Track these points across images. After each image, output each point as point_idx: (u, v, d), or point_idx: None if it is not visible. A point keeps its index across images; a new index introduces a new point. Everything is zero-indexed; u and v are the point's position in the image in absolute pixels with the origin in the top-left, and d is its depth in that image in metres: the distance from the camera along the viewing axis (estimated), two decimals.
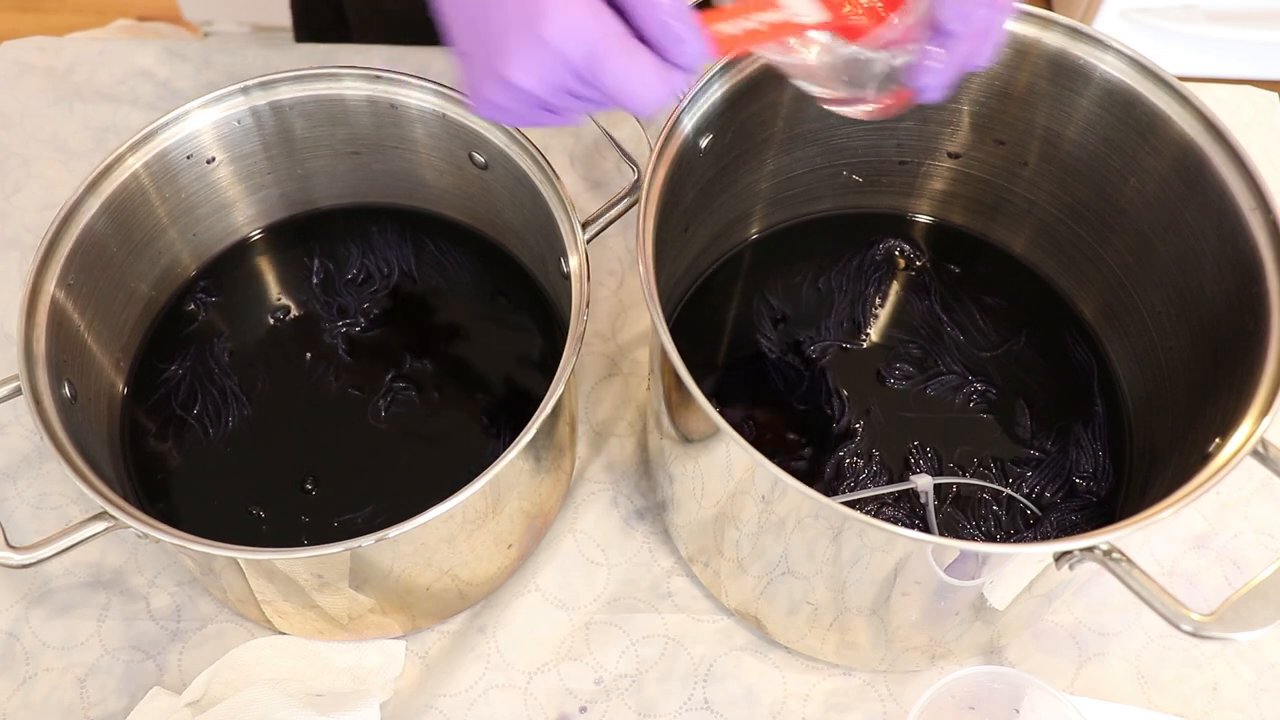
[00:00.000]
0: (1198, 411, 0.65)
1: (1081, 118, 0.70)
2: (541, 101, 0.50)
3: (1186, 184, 0.66)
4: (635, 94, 0.49)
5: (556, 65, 0.48)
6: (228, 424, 0.74)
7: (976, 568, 0.59)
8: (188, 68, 0.95)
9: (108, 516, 0.59)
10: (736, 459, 0.60)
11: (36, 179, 0.90)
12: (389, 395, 0.74)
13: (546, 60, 0.48)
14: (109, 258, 0.70)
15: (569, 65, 0.48)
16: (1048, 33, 0.68)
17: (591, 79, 0.48)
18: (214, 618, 0.72)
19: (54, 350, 0.64)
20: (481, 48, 0.50)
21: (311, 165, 0.78)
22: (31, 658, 0.71)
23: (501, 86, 0.50)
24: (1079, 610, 0.74)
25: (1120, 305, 0.75)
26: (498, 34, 0.49)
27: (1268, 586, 0.53)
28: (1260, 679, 0.72)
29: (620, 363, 0.83)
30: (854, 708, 0.70)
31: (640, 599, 0.74)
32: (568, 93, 0.50)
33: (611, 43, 0.48)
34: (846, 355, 0.77)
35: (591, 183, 0.90)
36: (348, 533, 0.57)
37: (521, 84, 0.49)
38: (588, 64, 0.48)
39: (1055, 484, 0.72)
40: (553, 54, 0.48)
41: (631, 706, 0.70)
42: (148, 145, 0.70)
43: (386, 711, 0.69)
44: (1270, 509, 0.77)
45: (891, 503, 0.71)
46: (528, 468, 0.66)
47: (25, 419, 0.77)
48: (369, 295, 0.79)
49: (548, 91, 0.49)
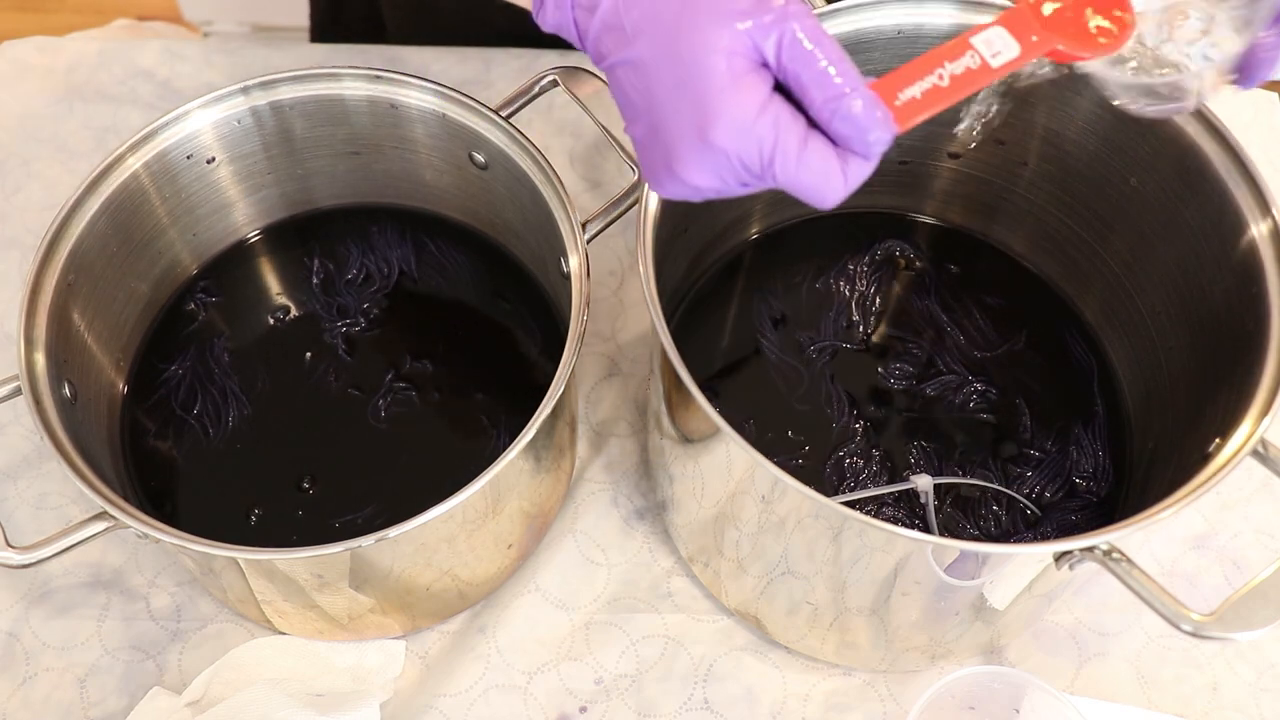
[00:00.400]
0: (1198, 411, 0.65)
1: (1081, 118, 0.70)
2: (720, 191, 0.50)
3: (1186, 184, 0.66)
4: (814, 191, 0.48)
5: (730, 165, 0.48)
6: (228, 424, 0.74)
7: (976, 568, 0.59)
8: (188, 68, 0.95)
9: (108, 516, 0.59)
10: (736, 459, 0.60)
11: (36, 179, 0.90)
12: (389, 395, 0.74)
13: (720, 162, 0.48)
14: (109, 258, 0.70)
15: (744, 165, 0.48)
16: None
17: (768, 176, 0.48)
18: (214, 618, 0.72)
19: (54, 350, 0.64)
20: (658, 144, 0.50)
21: (311, 165, 0.78)
22: (31, 658, 0.71)
23: (678, 183, 0.50)
24: (1079, 610, 0.74)
25: (1120, 305, 0.75)
26: (672, 135, 0.48)
27: (1268, 586, 0.53)
28: (1260, 679, 0.72)
29: (620, 363, 0.83)
30: (854, 708, 0.70)
31: (640, 599, 0.74)
32: (744, 184, 0.49)
33: (786, 141, 0.47)
34: (846, 355, 0.77)
35: (591, 183, 0.90)
36: (348, 533, 0.57)
37: (696, 183, 0.49)
38: (762, 164, 0.47)
39: (1055, 484, 0.72)
40: (725, 157, 0.47)
41: (631, 706, 0.70)
42: (148, 145, 0.70)
43: (386, 711, 0.69)
44: (1270, 509, 0.77)
45: (891, 503, 0.71)
46: (528, 468, 0.66)
47: (25, 419, 0.77)
48: (369, 295, 0.79)
49: (724, 185, 0.49)
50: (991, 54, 0.52)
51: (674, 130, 0.48)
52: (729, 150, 0.47)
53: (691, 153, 0.48)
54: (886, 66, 0.71)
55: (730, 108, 0.46)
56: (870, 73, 0.71)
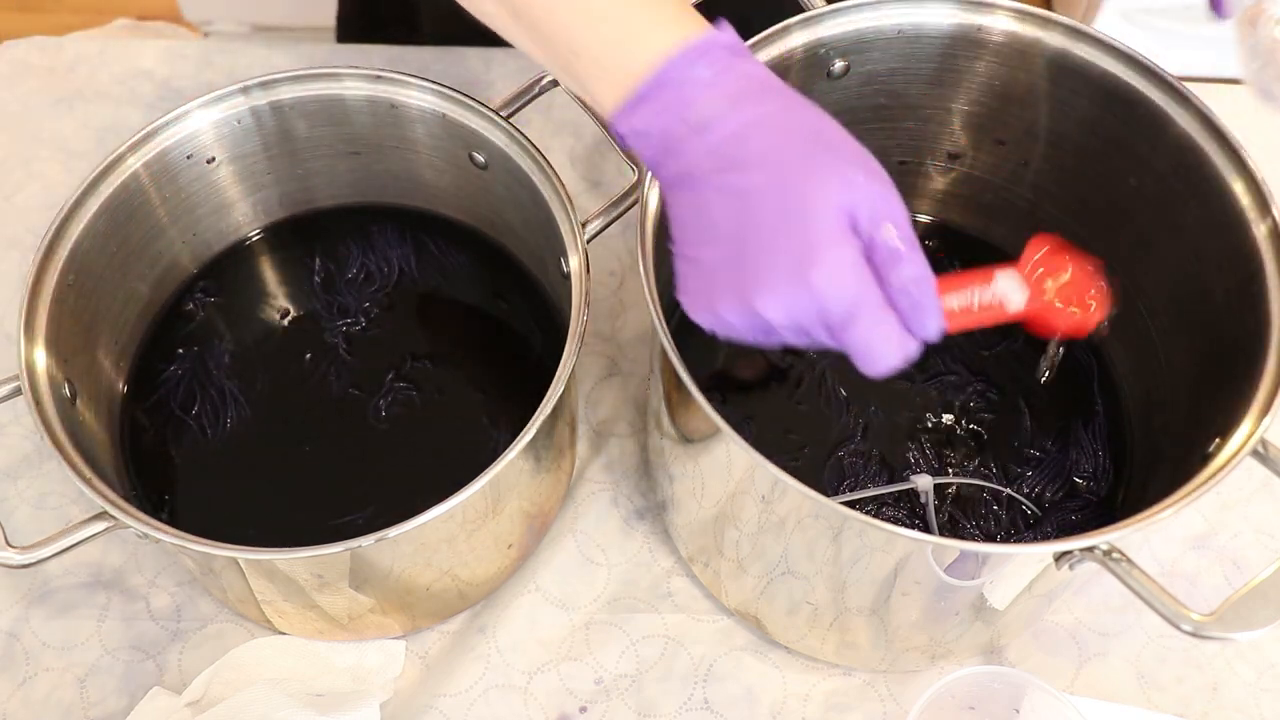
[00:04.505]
0: (1198, 411, 0.65)
1: (1082, 118, 0.70)
2: (770, 334, 0.50)
3: (1186, 184, 0.66)
4: (877, 357, 0.49)
5: (811, 310, 0.48)
6: (228, 423, 0.74)
7: (976, 568, 0.59)
8: (188, 68, 0.95)
9: (108, 516, 0.59)
10: (736, 459, 0.60)
11: (36, 179, 0.90)
12: (389, 395, 0.74)
13: (804, 304, 0.48)
14: (109, 258, 0.70)
15: (822, 313, 0.48)
16: (1048, 33, 0.68)
17: (838, 331, 0.49)
18: (214, 618, 0.72)
19: (54, 350, 0.64)
20: (738, 271, 0.49)
21: (311, 165, 0.78)
22: (31, 658, 0.71)
23: (743, 311, 0.50)
24: (1079, 610, 0.74)
25: (1120, 305, 0.75)
26: (763, 265, 0.48)
27: (1268, 586, 0.53)
28: (1260, 679, 0.72)
29: (620, 363, 0.83)
30: (854, 708, 0.70)
31: (640, 599, 0.74)
32: (803, 332, 0.50)
33: (869, 303, 0.48)
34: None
35: (591, 183, 0.90)
36: (348, 533, 0.57)
37: (768, 316, 0.49)
38: (841, 318, 0.48)
39: (1055, 484, 0.72)
40: (812, 300, 0.48)
41: (631, 706, 0.70)
42: (148, 145, 0.70)
43: (386, 711, 0.69)
44: (1270, 509, 0.78)
45: (891, 503, 0.71)
46: (528, 468, 0.66)
47: (25, 419, 0.77)
48: (369, 295, 0.79)
49: (787, 327, 0.49)
50: (1005, 300, 0.60)
51: (766, 262, 0.48)
52: (822, 293, 0.48)
53: (781, 285, 0.48)
54: (887, 66, 0.71)
55: (835, 256, 0.48)
56: (871, 72, 0.72)
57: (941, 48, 0.70)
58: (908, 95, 0.73)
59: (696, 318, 0.53)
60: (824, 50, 0.69)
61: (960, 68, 0.71)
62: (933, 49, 0.70)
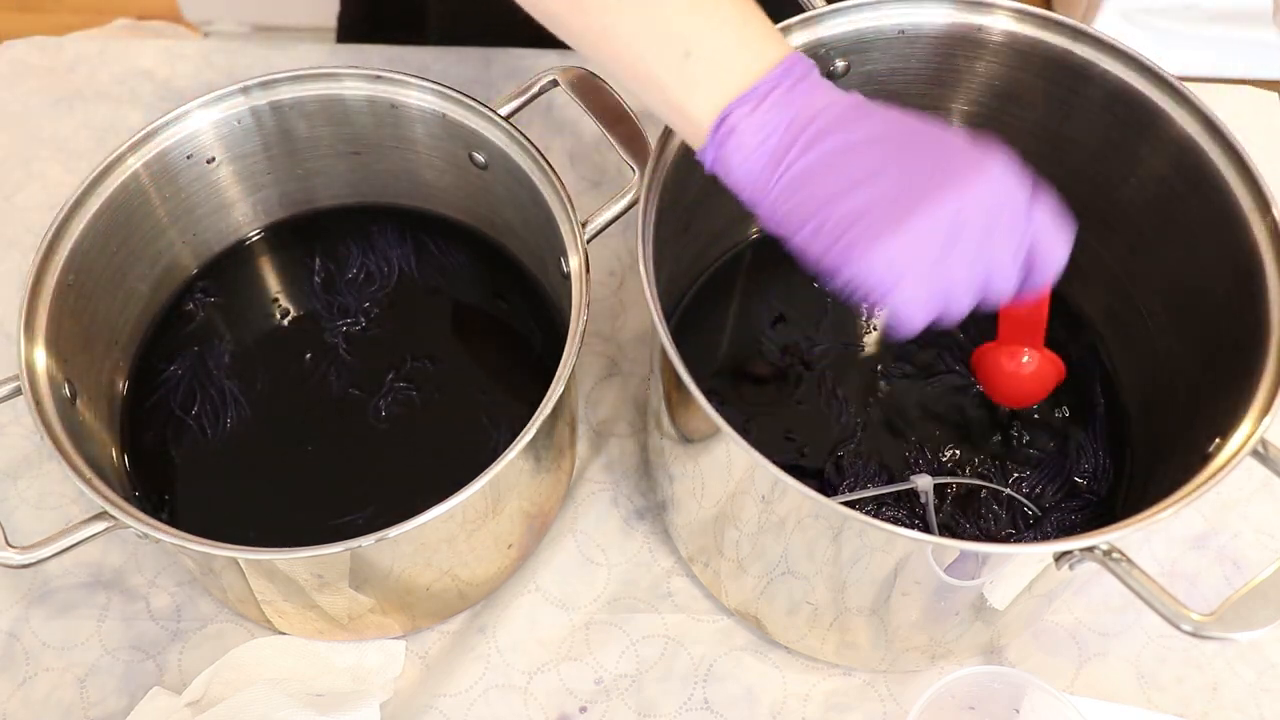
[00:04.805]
0: (1198, 411, 0.65)
1: (1081, 118, 0.70)
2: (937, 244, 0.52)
3: (1186, 184, 0.66)
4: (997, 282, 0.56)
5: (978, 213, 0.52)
6: (228, 423, 0.74)
7: (976, 568, 0.59)
8: (188, 68, 0.95)
9: (108, 516, 0.59)
10: (736, 459, 0.60)
11: (36, 179, 0.90)
12: (389, 395, 0.74)
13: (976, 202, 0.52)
14: (109, 257, 0.70)
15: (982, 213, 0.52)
16: (1048, 33, 0.68)
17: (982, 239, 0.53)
18: (214, 618, 0.73)
19: (54, 350, 0.64)
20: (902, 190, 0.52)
21: (311, 165, 0.78)
22: (31, 658, 0.71)
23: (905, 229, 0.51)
24: (1079, 610, 0.74)
25: (1120, 305, 0.75)
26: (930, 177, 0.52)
27: (1268, 586, 0.53)
28: (1260, 679, 0.72)
29: (620, 363, 0.83)
30: (854, 708, 0.70)
31: (640, 599, 0.74)
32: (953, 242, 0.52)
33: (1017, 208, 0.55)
34: (846, 355, 0.77)
35: (591, 183, 0.90)
36: (348, 533, 0.57)
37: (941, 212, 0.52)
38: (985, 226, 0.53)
39: (1055, 484, 0.72)
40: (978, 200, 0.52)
41: (631, 706, 0.70)
42: (148, 145, 0.70)
43: (386, 711, 0.69)
44: (1270, 509, 0.78)
45: (891, 503, 0.71)
46: (528, 468, 0.66)
47: (25, 419, 0.77)
48: (369, 295, 0.79)
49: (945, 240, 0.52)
50: None
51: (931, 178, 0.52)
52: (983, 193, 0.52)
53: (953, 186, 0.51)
54: (887, 66, 0.71)
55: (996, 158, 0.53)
56: (871, 72, 0.72)
57: (941, 48, 0.70)
58: (908, 95, 0.73)
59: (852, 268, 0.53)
60: (824, 50, 0.69)
61: (960, 68, 0.71)
62: (933, 49, 0.70)
